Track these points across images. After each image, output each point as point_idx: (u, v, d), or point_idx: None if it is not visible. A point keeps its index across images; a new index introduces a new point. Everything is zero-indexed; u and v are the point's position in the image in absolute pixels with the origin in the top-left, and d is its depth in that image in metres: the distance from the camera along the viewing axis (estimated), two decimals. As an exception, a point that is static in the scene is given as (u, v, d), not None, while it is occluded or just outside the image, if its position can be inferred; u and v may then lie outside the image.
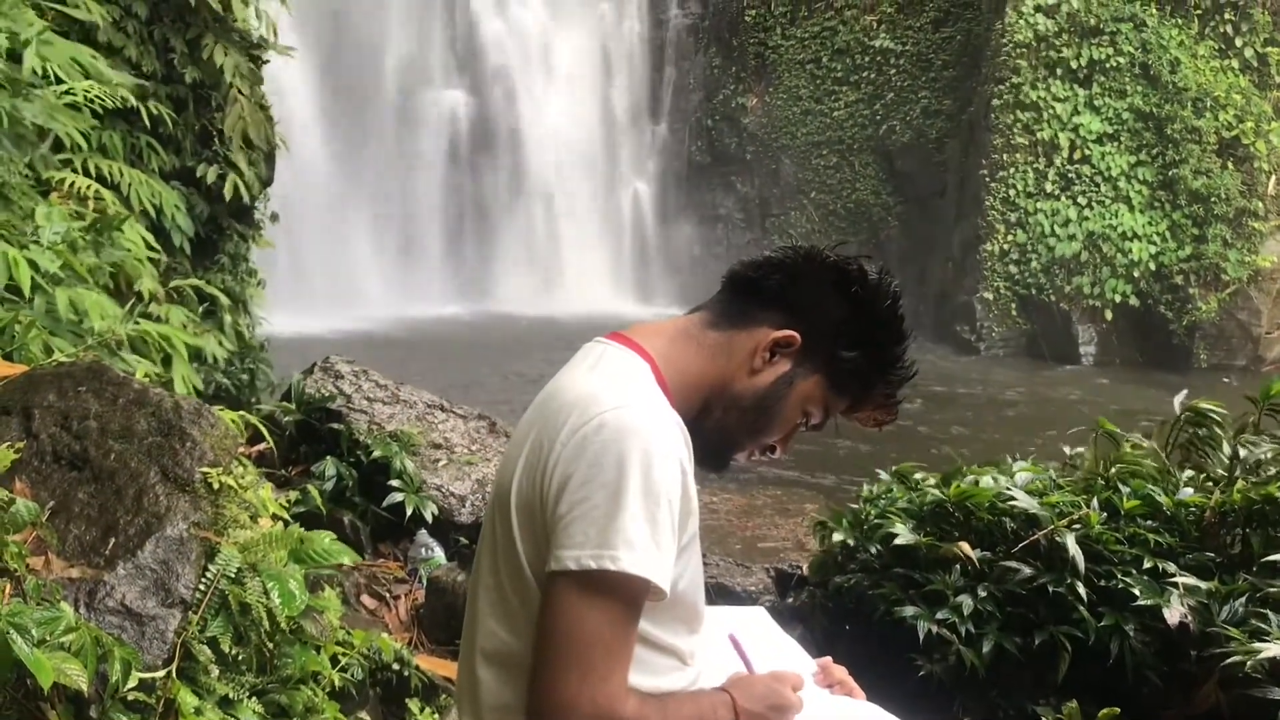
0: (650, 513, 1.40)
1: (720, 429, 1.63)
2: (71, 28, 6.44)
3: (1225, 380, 15.18)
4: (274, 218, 7.61)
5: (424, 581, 3.87)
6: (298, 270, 16.88)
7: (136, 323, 3.77)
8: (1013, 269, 16.98)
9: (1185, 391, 4.16)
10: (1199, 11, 16.59)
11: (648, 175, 23.03)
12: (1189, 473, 3.82)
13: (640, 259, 22.55)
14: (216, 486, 2.40)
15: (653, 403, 1.51)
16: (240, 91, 6.57)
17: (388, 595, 3.76)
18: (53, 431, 2.44)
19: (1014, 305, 17.06)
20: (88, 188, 5.33)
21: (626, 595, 1.41)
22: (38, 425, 2.45)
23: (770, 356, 1.61)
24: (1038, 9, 16.78)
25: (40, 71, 4.15)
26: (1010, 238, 16.96)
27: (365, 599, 3.72)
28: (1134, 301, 16.30)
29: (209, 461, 2.43)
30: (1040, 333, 16.98)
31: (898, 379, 1.67)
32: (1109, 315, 16.49)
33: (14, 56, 4.32)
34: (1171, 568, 3.26)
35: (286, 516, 2.79)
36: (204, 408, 2.54)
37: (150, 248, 5.67)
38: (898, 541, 3.51)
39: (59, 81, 4.60)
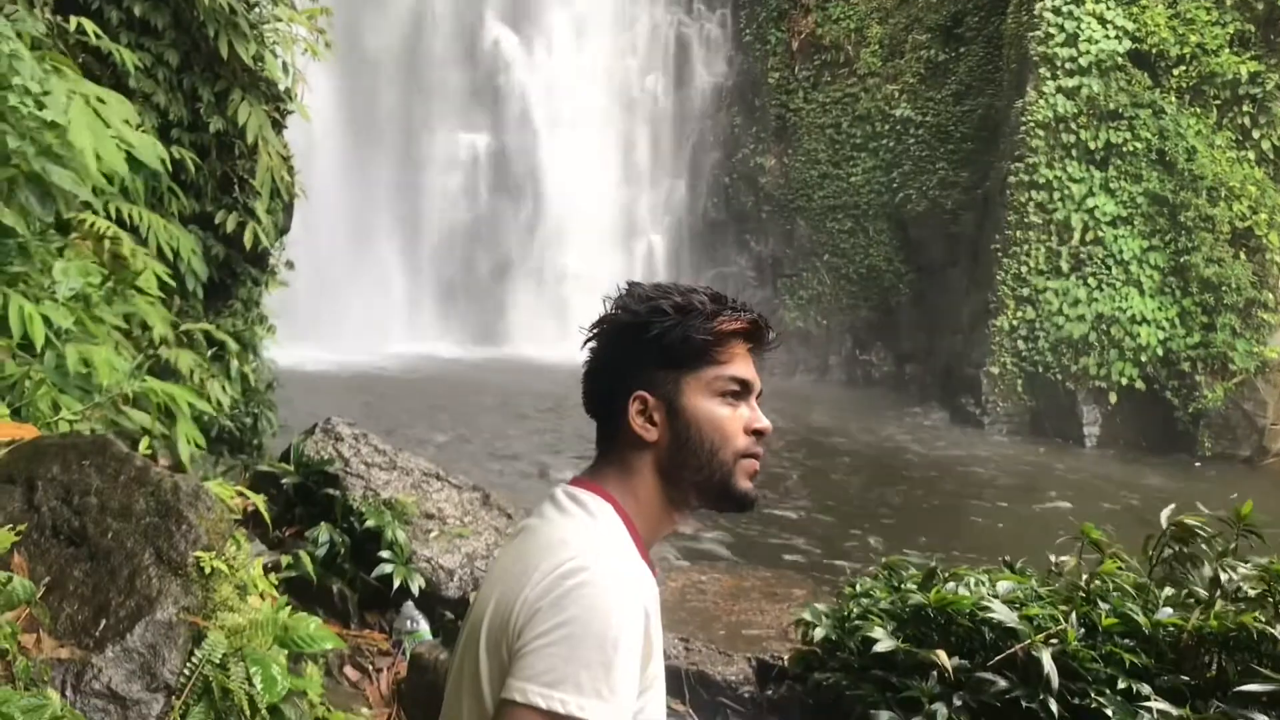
0: (607, 658, 1.44)
1: (698, 481, 1.68)
2: (103, 72, 6.60)
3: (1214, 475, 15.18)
4: (289, 265, 7.71)
5: (407, 655, 3.91)
6: (315, 306, 17.04)
7: (144, 380, 3.84)
8: (1021, 345, 17.01)
9: (1173, 506, 4.17)
10: (1218, 102, 16.72)
11: (663, 228, 23.20)
12: (1169, 590, 3.84)
13: (651, 310, 22.61)
14: (208, 571, 2.46)
15: (619, 548, 1.58)
16: (265, 141, 6.69)
17: (370, 668, 3.81)
18: (54, 505, 2.50)
19: (1020, 381, 17.06)
20: (107, 229, 5.44)
21: None
22: (40, 498, 2.51)
23: (649, 420, 1.67)
24: (1059, 90, 16.94)
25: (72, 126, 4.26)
26: (1020, 314, 17.01)
27: (348, 670, 3.76)
28: (1140, 385, 16.29)
29: (203, 545, 2.49)
30: (1044, 410, 16.97)
31: (712, 313, 1.73)
32: (1114, 397, 16.48)
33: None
34: (1146, 689, 3.29)
35: (275, 594, 2.85)
36: (202, 489, 2.61)
37: (164, 287, 5.79)
38: (877, 648, 3.55)
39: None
